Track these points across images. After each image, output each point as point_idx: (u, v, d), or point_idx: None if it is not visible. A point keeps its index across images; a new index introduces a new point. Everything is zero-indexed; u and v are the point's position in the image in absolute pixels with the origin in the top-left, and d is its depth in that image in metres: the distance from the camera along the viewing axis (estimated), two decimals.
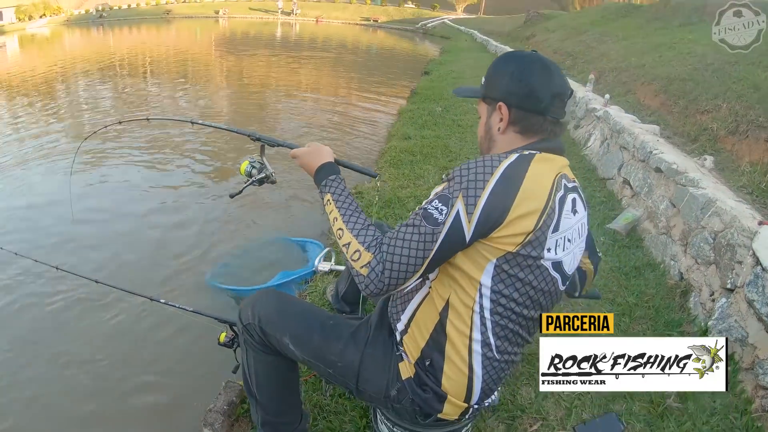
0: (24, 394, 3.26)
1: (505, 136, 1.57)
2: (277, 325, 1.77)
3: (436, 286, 1.53)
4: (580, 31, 14.13)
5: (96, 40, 40.98)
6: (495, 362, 1.53)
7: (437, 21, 58.79)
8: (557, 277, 1.48)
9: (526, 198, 1.35)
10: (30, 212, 5.79)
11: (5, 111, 12.42)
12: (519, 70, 1.53)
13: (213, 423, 2.34)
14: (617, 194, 5.04)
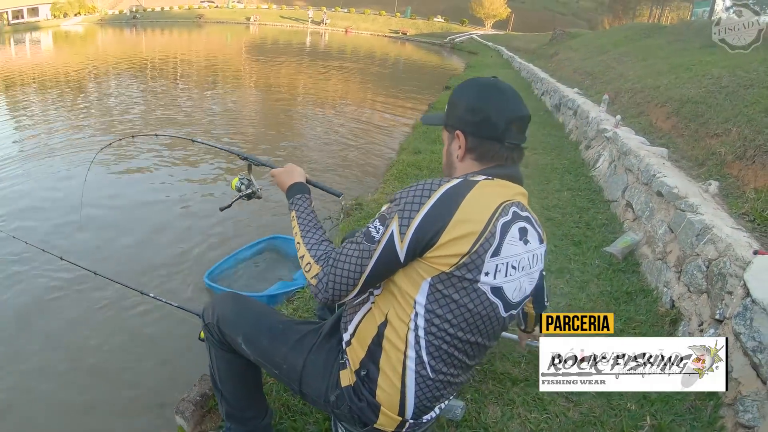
0: (16, 377, 3.51)
1: (464, 164, 1.64)
2: (232, 326, 1.85)
3: (379, 300, 1.59)
4: (602, 51, 14.07)
5: (129, 40, 41.89)
6: (429, 380, 1.55)
7: (465, 36, 59.05)
8: (497, 302, 1.50)
9: (462, 221, 1.40)
10: (45, 203, 6.20)
11: (37, 103, 13.01)
12: (474, 98, 1.61)
13: (184, 411, 2.45)
14: (619, 217, 4.94)
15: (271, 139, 10.26)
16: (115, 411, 3.29)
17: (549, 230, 4.47)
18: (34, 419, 3.26)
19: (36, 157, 8.18)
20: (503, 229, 1.45)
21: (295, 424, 2.37)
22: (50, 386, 3.48)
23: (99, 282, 3.67)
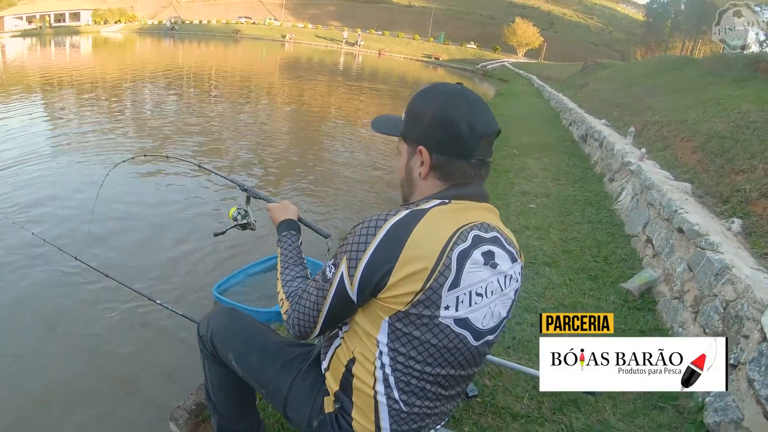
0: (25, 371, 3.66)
1: (426, 182, 1.52)
2: (224, 342, 1.83)
3: (346, 337, 1.55)
4: (632, 82, 13.98)
5: (166, 50, 42.93)
6: (403, 414, 1.50)
7: (497, 63, 59.30)
8: (464, 333, 1.43)
9: (410, 258, 1.33)
10: (67, 203, 6.54)
11: (73, 103, 13.56)
12: (441, 110, 1.45)
13: (178, 419, 2.48)
14: (639, 253, 4.83)
15: (300, 153, 10.50)
16: (112, 412, 3.36)
17: (566, 263, 4.41)
18: (27, 412, 3.33)
19: (65, 156, 8.72)
20: (460, 259, 1.37)
21: None
22: (48, 382, 3.56)
23: (109, 284, 3.86)
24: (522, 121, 14.02)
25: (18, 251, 5.07)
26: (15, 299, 4.45)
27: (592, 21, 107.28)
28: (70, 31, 56.74)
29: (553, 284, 4.03)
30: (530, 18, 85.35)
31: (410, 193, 1.58)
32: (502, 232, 1.54)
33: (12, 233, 5.30)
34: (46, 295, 4.51)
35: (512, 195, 6.45)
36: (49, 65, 27.09)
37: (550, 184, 7.21)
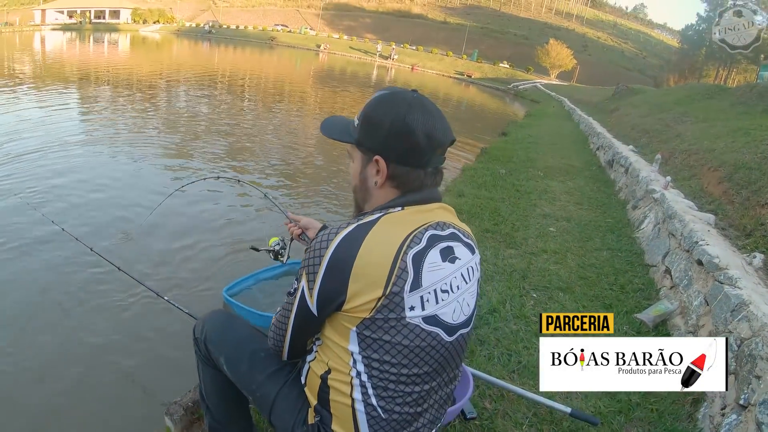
0: (31, 354, 3.76)
1: (382, 191, 1.55)
2: (216, 345, 1.85)
3: (320, 351, 1.57)
4: (663, 109, 13.86)
5: (203, 53, 43.55)
6: (382, 422, 1.50)
7: (529, 84, 59.23)
8: (436, 330, 1.45)
9: (362, 268, 1.36)
10: (90, 194, 6.79)
11: (109, 98, 13.93)
12: (400, 122, 1.46)
13: (173, 414, 2.51)
14: (657, 283, 4.72)
15: (328, 161, 10.61)
16: (110, 403, 3.42)
17: (581, 290, 4.35)
18: (29, 399, 3.39)
19: (95, 148, 9.21)
20: (416, 260, 1.39)
21: None
22: (49, 370, 3.64)
23: (120, 277, 3.90)
24: (549, 144, 13.97)
25: (33, 237, 5.29)
26: (26, 284, 4.59)
27: (626, 45, 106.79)
28: (109, 28, 57.99)
29: (565, 310, 3.95)
30: (564, 40, 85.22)
31: (364, 200, 1.61)
32: (459, 227, 1.58)
33: (29, 216, 5.55)
34: (55, 284, 4.63)
35: (532, 217, 6.39)
36: (87, 60, 27.74)
37: (572, 208, 7.15)
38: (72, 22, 56.17)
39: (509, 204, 6.88)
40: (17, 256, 4.99)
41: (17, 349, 3.79)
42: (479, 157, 10.88)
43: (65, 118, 11.54)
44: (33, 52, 30.29)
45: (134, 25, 63.27)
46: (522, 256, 4.99)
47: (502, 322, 3.64)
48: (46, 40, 38.41)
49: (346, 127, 1.62)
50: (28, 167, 7.61)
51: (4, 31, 42.03)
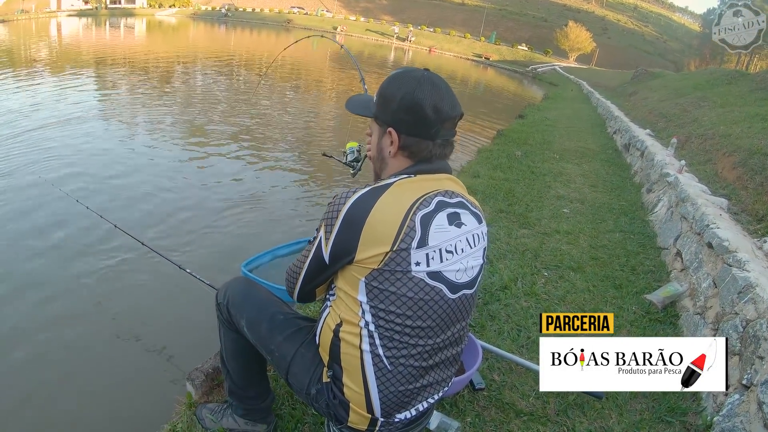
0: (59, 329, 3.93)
1: (395, 160, 1.68)
2: (238, 308, 1.95)
3: (333, 305, 1.68)
4: (681, 94, 13.71)
5: (218, 36, 43.55)
6: (389, 374, 1.60)
7: (548, 67, 58.54)
8: (439, 286, 1.55)
9: (373, 227, 1.48)
10: (111, 172, 7.06)
11: (125, 82, 14.10)
12: (410, 97, 1.59)
13: (195, 379, 2.59)
14: (668, 266, 4.76)
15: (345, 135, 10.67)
16: (133, 369, 3.61)
17: (592, 270, 4.40)
18: (55, 365, 3.59)
19: (115, 127, 9.60)
20: (423, 221, 1.51)
21: (294, 411, 2.44)
22: (80, 342, 3.82)
23: (141, 250, 4.14)
24: (566, 126, 13.88)
25: (52, 211, 5.55)
26: (48, 257, 4.79)
27: (647, 29, 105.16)
28: (125, 13, 58.01)
29: (576, 289, 4.02)
30: (584, 22, 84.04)
31: (381, 169, 1.74)
32: (467, 198, 1.70)
33: (51, 194, 5.73)
34: (76, 256, 4.82)
35: (547, 198, 6.43)
36: (104, 44, 27.82)
37: (586, 190, 7.16)
38: (88, 7, 56.14)
39: (524, 185, 6.92)
40: (39, 230, 5.20)
41: (43, 319, 3.96)
42: (495, 139, 10.88)
43: (83, 100, 11.80)
44: (50, 38, 30.41)
45: (150, 10, 63.18)
46: (535, 236, 5.05)
47: (513, 298, 3.71)
48: (62, 26, 38.45)
49: (366, 104, 1.79)
50: (52, 147, 7.87)
51: (20, 19, 41.99)
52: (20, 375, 3.46)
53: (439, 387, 1.73)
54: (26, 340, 3.76)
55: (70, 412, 3.25)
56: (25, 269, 4.57)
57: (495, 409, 2.58)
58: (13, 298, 4.18)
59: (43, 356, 3.62)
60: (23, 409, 3.20)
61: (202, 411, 2.39)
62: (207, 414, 2.35)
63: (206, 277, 3.34)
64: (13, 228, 5.25)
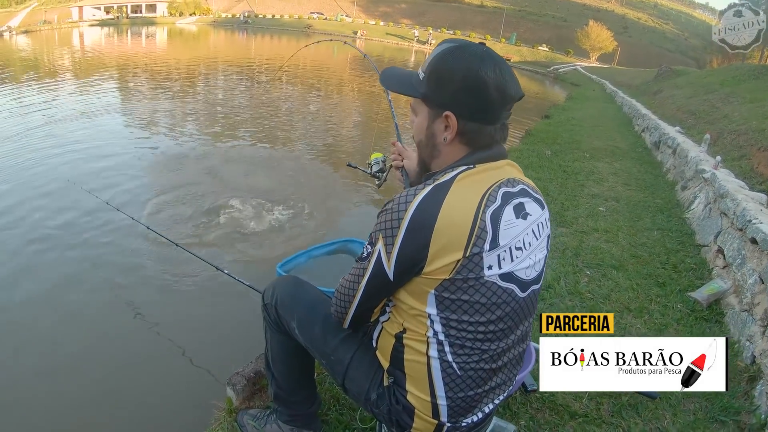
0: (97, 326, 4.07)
1: (451, 147, 1.51)
2: (288, 309, 1.85)
3: (394, 311, 1.57)
4: (708, 90, 13.54)
5: (239, 43, 43.89)
6: (458, 379, 1.49)
7: (569, 67, 58.13)
8: (511, 287, 1.44)
9: (444, 229, 1.34)
10: (139, 174, 7.33)
11: (147, 89, 14.38)
12: (473, 77, 1.41)
13: (236, 384, 2.53)
14: (709, 263, 4.68)
15: (369, 145, 10.69)
16: (173, 374, 3.63)
17: (633, 268, 4.35)
18: (94, 369, 3.59)
19: (140, 133, 9.81)
20: (494, 219, 1.38)
21: (342, 417, 2.38)
22: (116, 348, 3.86)
23: (179, 253, 4.10)
24: (593, 126, 13.78)
25: (83, 212, 5.73)
26: (86, 263, 4.86)
27: (667, 26, 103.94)
28: (146, 22, 58.81)
29: (619, 287, 3.98)
30: (604, 21, 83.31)
31: (431, 157, 1.57)
32: (527, 183, 1.55)
33: (81, 198, 5.82)
34: (112, 261, 4.88)
35: (581, 197, 6.38)
36: (127, 53, 28.27)
37: (620, 188, 7.10)
38: (109, 17, 57.05)
39: (557, 184, 6.87)
40: (70, 234, 5.33)
41: (79, 325, 4.05)
42: (524, 139, 10.81)
43: (106, 107, 12.12)
44: (72, 48, 31.04)
45: (171, 18, 63.97)
46: (573, 234, 5.01)
47: (557, 298, 3.68)
48: (84, 36, 39.20)
49: (409, 80, 1.57)
50: (80, 151, 8.12)
51: (43, 29, 42.77)
52: (58, 380, 3.49)
53: (506, 387, 1.63)
54: (61, 346, 3.80)
55: (106, 417, 3.26)
56: (59, 275, 4.64)
57: (549, 411, 2.54)
58: (48, 303, 4.25)
59: (79, 361, 3.65)
60: (59, 416, 3.23)
61: (244, 417, 2.32)
62: (249, 420, 2.28)
63: (242, 277, 3.34)
64: (48, 233, 5.34)
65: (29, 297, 4.32)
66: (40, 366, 3.59)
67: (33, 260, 4.85)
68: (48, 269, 4.72)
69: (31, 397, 3.34)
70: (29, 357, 3.68)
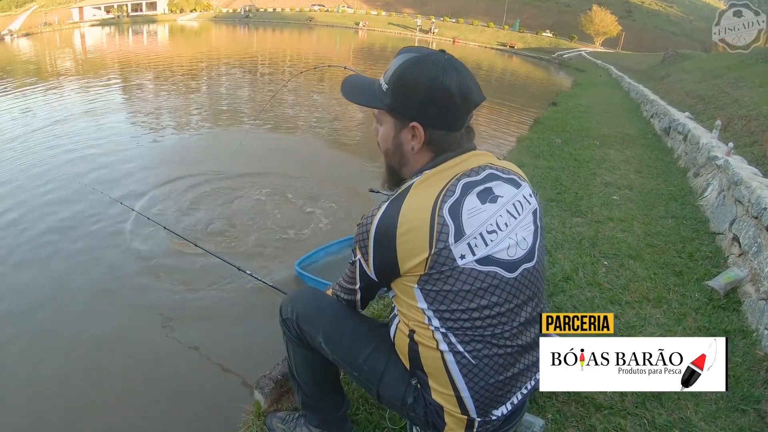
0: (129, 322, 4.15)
1: (419, 155, 1.59)
2: (312, 323, 1.82)
3: (400, 313, 1.63)
4: (716, 75, 13.44)
5: (241, 37, 43.92)
6: (474, 368, 1.53)
7: (574, 53, 57.87)
8: (493, 270, 1.48)
9: (405, 239, 1.44)
10: (153, 174, 7.37)
11: (151, 86, 14.47)
12: (437, 87, 1.46)
13: (264, 387, 2.54)
14: (725, 251, 4.67)
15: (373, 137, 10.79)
16: (199, 377, 3.62)
17: (650, 258, 4.35)
18: (120, 371, 3.65)
19: (146, 133, 10.05)
20: (452, 212, 1.43)
21: (371, 417, 2.40)
22: (138, 347, 3.91)
23: (199, 254, 4.26)
24: (601, 112, 13.73)
25: (103, 216, 5.75)
26: (108, 266, 4.89)
27: (672, 10, 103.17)
28: (147, 20, 58.86)
29: (637, 277, 3.98)
30: (608, 6, 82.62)
31: (401, 164, 1.64)
32: (497, 165, 1.60)
33: (94, 199, 5.97)
34: (133, 265, 4.88)
35: (594, 186, 6.38)
36: (128, 52, 28.37)
37: (632, 176, 7.09)
38: (110, 17, 57.10)
39: (569, 173, 6.88)
40: (90, 237, 5.37)
41: (104, 329, 4.06)
42: (533, 128, 10.79)
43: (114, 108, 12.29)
44: (74, 48, 31.16)
45: (171, 15, 63.98)
46: (589, 224, 5.02)
47: (576, 289, 3.69)
48: (86, 36, 39.31)
49: (371, 90, 1.61)
50: (94, 153, 8.22)
51: (44, 31, 42.80)
52: (85, 383, 3.54)
53: (530, 374, 1.65)
54: (87, 350, 3.84)
55: (134, 421, 3.29)
56: (83, 280, 4.70)
57: (575, 404, 2.56)
58: (73, 307, 4.31)
59: (107, 366, 3.70)
60: (84, 421, 3.27)
61: (273, 420, 2.33)
62: (278, 423, 2.29)
63: (264, 277, 3.39)
64: (70, 235, 5.41)
65: (52, 301, 4.38)
66: (62, 370, 3.64)
67: (56, 265, 4.90)
68: (69, 273, 4.78)
69: (55, 397, 3.41)
70: (53, 361, 3.72)
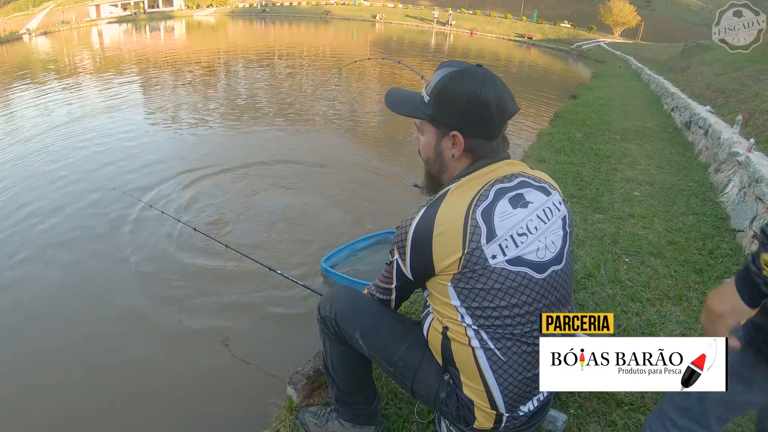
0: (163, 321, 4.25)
1: (458, 162, 1.71)
2: (350, 321, 1.92)
3: (434, 310, 1.72)
4: (737, 67, 13.24)
5: (257, 32, 43.91)
6: (504, 365, 1.63)
7: (593, 43, 57.10)
8: (523, 270, 1.58)
9: (440, 241, 1.55)
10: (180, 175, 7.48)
11: (169, 84, 14.63)
12: (477, 98, 1.58)
13: (296, 383, 2.63)
14: (745, 249, 4.68)
15: (394, 131, 11.07)
16: (229, 375, 3.73)
17: (671, 255, 4.38)
18: (158, 369, 3.78)
19: (165, 130, 10.35)
20: (485, 215, 1.54)
21: (401, 411, 2.48)
22: (174, 344, 4.03)
23: (229, 254, 4.25)
24: (621, 105, 13.61)
25: (130, 215, 5.89)
26: (139, 265, 5.01)
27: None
28: (164, 16, 58.86)
29: (658, 275, 4.02)
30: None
31: (440, 172, 1.76)
32: (529, 174, 1.72)
33: (125, 201, 6.04)
34: (163, 266, 4.99)
35: (615, 181, 6.39)
36: (147, 48, 28.53)
37: (653, 171, 7.08)
38: (127, 14, 57.14)
39: (590, 168, 6.89)
40: (123, 236, 5.52)
41: (138, 328, 4.19)
42: (553, 122, 10.80)
43: (132, 102, 12.68)
44: (93, 46, 31.35)
45: (188, 11, 63.90)
46: (610, 220, 5.05)
47: (598, 286, 3.74)
48: (103, 33, 39.44)
49: (413, 102, 1.75)
50: (122, 156, 8.44)
51: (62, 29, 42.91)
52: (120, 379, 3.67)
53: None
54: (122, 348, 3.97)
55: (169, 415, 3.41)
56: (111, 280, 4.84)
57: (596, 399, 2.62)
58: (108, 309, 4.44)
59: (144, 362, 3.82)
60: (116, 414, 3.39)
61: (305, 415, 2.41)
62: (310, 417, 2.38)
63: (294, 277, 3.46)
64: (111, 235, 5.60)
65: (88, 302, 4.55)
66: (100, 364, 3.80)
67: (87, 266, 5.07)
68: (99, 274, 4.93)
69: (90, 392, 3.55)
70: (91, 355, 3.89)
